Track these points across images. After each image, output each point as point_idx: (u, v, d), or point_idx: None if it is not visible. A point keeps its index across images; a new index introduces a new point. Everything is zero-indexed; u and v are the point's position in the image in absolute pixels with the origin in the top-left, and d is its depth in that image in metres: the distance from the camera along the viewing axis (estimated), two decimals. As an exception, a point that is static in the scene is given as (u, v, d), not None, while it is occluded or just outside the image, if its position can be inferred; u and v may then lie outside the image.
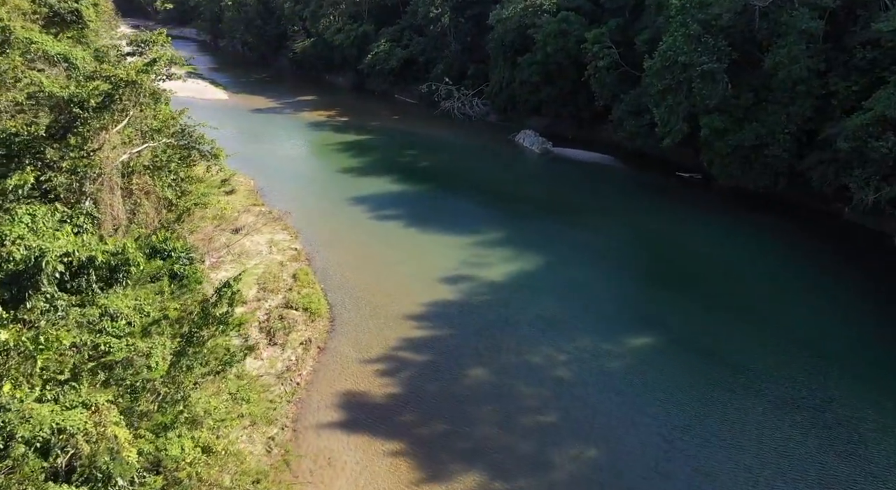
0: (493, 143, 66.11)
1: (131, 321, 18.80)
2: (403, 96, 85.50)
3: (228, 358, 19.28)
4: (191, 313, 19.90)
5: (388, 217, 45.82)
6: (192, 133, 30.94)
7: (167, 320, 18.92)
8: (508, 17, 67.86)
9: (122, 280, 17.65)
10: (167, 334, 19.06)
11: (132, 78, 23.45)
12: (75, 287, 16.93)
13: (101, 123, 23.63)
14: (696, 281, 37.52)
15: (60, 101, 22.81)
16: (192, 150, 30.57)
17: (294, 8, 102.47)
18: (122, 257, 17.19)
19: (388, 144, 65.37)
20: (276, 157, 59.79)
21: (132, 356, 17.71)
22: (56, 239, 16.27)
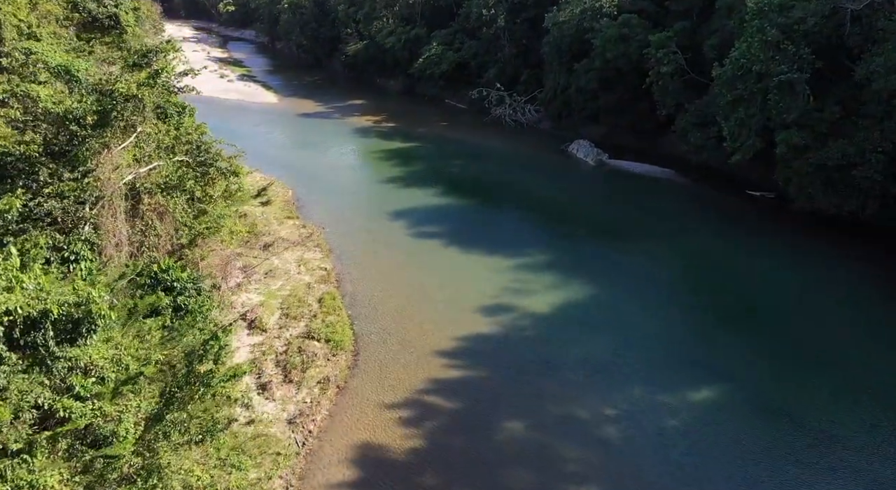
0: (545, 154, 62.05)
1: (105, 376, 16.19)
2: (454, 101, 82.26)
3: (211, 426, 16.40)
4: (173, 367, 17.14)
5: (427, 234, 42.62)
6: (209, 150, 28.41)
7: (146, 377, 16.20)
8: (565, 20, 63.66)
9: (88, 335, 14.97)
10: (144, 393, 16.35)
11: (132, 92, 20.96)
12: (31, 342, 14.36)
13: (102, 142, 21.25)
14: (768, 320, 32.78)
15: (57, 118, 20.55)
16: (209, 168, 28.05)
17: (348, 10, 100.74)
18: (85, 309, 14.51)
19: (434, 153, 62.25)
20: (318, 164, 57.53)
21: (97, 422, 15.06)
22: (6, 290, 13.71)
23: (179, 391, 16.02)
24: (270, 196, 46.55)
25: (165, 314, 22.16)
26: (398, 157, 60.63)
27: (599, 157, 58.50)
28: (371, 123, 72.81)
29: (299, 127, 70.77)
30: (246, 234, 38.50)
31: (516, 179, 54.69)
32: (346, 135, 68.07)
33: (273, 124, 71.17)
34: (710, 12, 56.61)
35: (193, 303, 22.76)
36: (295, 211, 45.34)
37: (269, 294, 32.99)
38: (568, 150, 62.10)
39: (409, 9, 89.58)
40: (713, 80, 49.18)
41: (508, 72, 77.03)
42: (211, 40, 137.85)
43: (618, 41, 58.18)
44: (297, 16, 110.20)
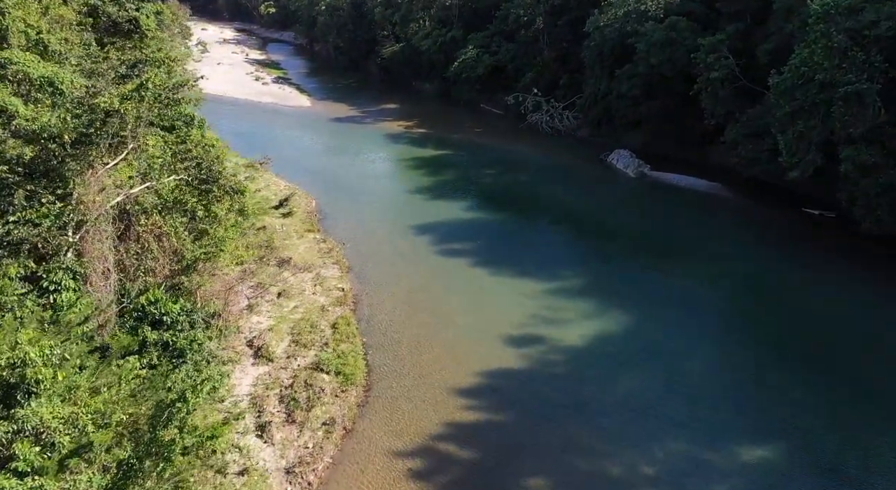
0: (583, 163, 58.51)
1: (57, 442, 13.85)
2: (489, 106, 79.19)
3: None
4: (138, 430, 14.70)
5: (454, 252, 39.77)
6: (212, 167, 26.11)
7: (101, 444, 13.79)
8: (608, 24, 59.96)
9: (25, 400, 12.62)
10: (100, 463, 13.95)
11: (114, 107, 18.69)
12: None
13: (85, 161, 19.07)
14: (832, 361, 28.88)
15: (34, 135, 18.44)
16: (212, 185, 25.75)
17: (384, 12, 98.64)
18: (20, 372, 12.15)
19: (466, 162, 59.34)
20: (345, 172, 55.24)
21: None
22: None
23: (139, 463, 13.57)
24: (293, 207, 44.41)
25: (151, 352, 19.89)
26: (429, 165, 57.94)
27: (640, 168, 54.68)
28: (403, 129, 70.32)
29: (330, 131, 68.75)
30: (258, 251, 36.34)
31: (552, 191, 51.39)
32: (376, 140, 65.73)
33: (304, 128, 69.38)
34: (765, 15, 52.26)
35: (183, 339, 20.44)
36: (316, 223, 43.02)
37: (280, 317, 30.63)
38: (607, 160, 58.43)
39: (445, 11, 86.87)
40: (768, 88, 45.10)
41: (546, 76, 73.57)
42: (251, 42, 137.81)
43: (664, 45, 54.25)
44: (334, 18, 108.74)
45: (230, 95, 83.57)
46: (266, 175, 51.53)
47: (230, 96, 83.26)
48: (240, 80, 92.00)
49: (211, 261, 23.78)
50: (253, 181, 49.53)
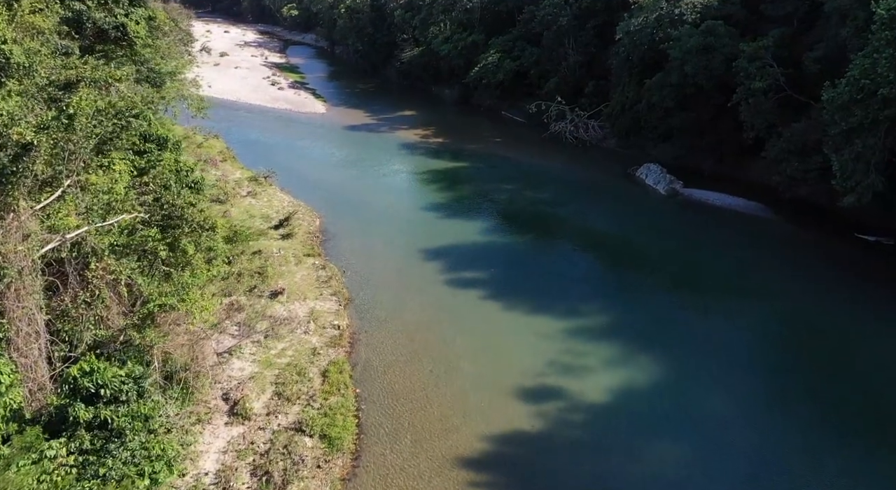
0: (609, 178, 53.96)
1: None
2: (511, 114, 74.94)
3: None
4: None
5: (466, 281, 35.71)
6: (175, 202, 22.36)
7: None
8: (638, 28, 55.30)
9: None
10: None
11: (25, 140, 15.06)
12: None
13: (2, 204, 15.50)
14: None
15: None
16: (178, 221, 22.03)
17: (405, 15, 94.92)
18: None
19: (485, 175, 55.22)
20: (354, 186, 51.50)
21: None
22: None
23: None
24: (294, 227, 40.75)
25: (81, 436, 16.27)
26: (444, 179, 53.93)
27: (672, 185, 49.98)
28: (419, 138, 66.43)
29: (343, 141, 65.14)
30: (250, 280, 32.68)
31: (575, 211, 47.03)
32: (390, 151, 61.92)
33: (316, 137, 65.89)
34: (814, 19, 47.29)
35: (124, 415, 16.77)
36: (318, 246, 39.28)
37: (264, 362, 26.93)
38: (636, 174, 53.84)
39: (467, 14, 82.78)
40: (816, 99, 40.25)
41: (571, 83, 69.11)
42: (272, 45, 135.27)
43: (700, 52, 49.49)
44: (354, 21, 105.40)
45: (244, 101, 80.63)
46: (270, 190, 48.03)
47: (244, 102, 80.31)
48: (255, 85, 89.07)
49: (172, 311, 20.11)
50: (256, 197, 46.20)
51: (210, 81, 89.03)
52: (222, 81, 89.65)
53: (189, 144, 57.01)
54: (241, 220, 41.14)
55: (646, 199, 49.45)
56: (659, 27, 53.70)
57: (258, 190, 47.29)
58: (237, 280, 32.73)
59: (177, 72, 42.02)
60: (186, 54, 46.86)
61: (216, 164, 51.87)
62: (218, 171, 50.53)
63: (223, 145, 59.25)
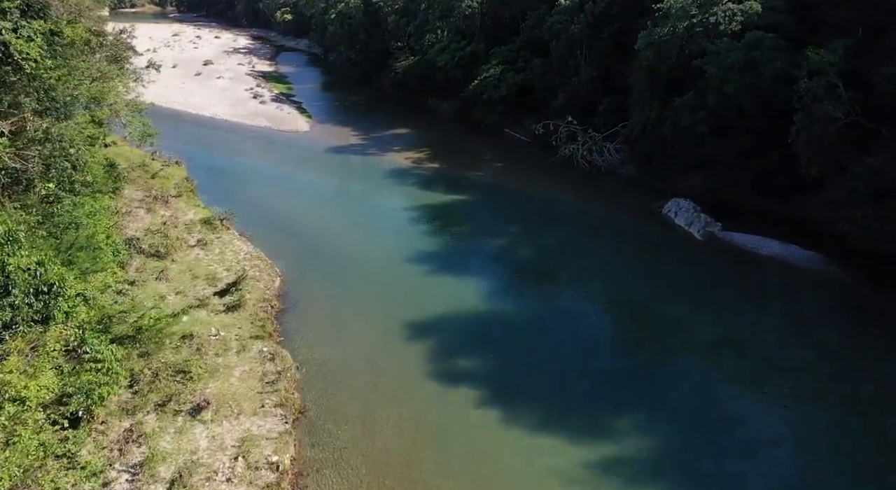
0: (631, 216, 45.00)
1: None
2: (514, 132, 66.03)
3: None
4: None
5: (457, 377, 26.87)
6: None
7: None
8: (664, 39, 46.29)
9: None
10: None
11: None
12: None
13: None
14: None
15: None
16: None
17: (399, 21, 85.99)
18: None
19: (484, 212, 46.31)
20: (330, 229, 42.60)
21: None
22: None
23: None
24: (244, 293, 31.91)
25: None
26: (437, 216, 45.05)
27: (709, 228, 41.03)
28: (412, 163, 57.52)
29: (324, 167, 56.27)
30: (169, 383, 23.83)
31: (592, 262, 38.13)
32: (378, 179, 53.01)
33: (294, 162, 57.01)
34: (884, 25, 38.24)
35: None
36: (272, 322, 30.36)
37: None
38: (662, 211, 44.90)
39: (466, 20, 73.84)
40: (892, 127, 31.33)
41: (583, 98, 60.11)
42: (262, 51, 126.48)
43: (743, 69, 40.53)
44: (346, 27, 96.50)
45: (220, 117, 71.88)
46: (226, 236, 39.20)
47: (220, 118, 71.57)
48: (235, 98, 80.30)
49: None
50: (206, 247, 37.35)
51: (187, 94, 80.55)
52: (199, 94, 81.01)
53: (142, 174, 48.43)
54: (179, 284, 32.34)
55: (677, 245, 40.47)
56: (690, 38, 44.73)
57: (211, 237, 38.47)
58: (149, 385, 23.91)
59: (101, 98, 33.20)
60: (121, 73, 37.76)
61: (167, 201, 43.04)
62: (168, 211, 41.73)
63: (183, 174, 50.44)
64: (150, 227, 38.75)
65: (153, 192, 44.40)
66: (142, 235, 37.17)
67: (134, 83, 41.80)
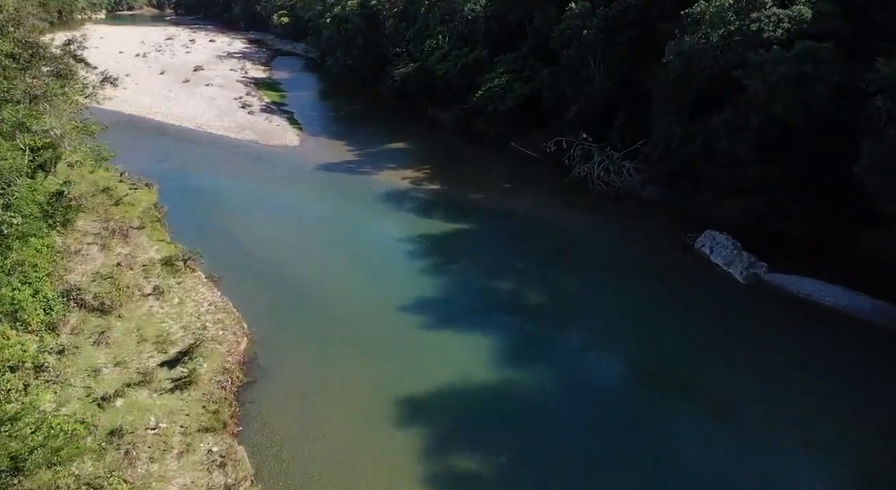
0: (658, 251, 38.70)
1: None
2: (521, 146, 59.70)
3: None
4: None
5: (457, 484, 20.69)
6: None
7: None
8: (696, 49, 39.95)
9: None
10: None
11: None
12: None
13: None
14: None
15: None
16: None
17: (398, 26, 79.65)
18: None
19: (489, 245, 39.99)
20: (311, 269, 36.17)
21: None
22: None
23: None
24: (201, 360, 25.69)
25: None
26: (435, 250, 38.76)
27: (752, 269, 34.71)
28: (409, 183, 51.19)
29: (312, 188, 49.95)
30: None
31: (613, 314, 31.81)
32: (371, 204, 46.67)
33: (279, 183, 50.65)
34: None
35: None
36: (231, 403, 24.04)
37: None
38: (694, 245, 38.61)
39: (468, 25, 67.47)
40: None
41: (596, 111, 53.83)
42: (257, 56, 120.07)
43: (793, 84, 34.18)
44: (342, 31, 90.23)
45: (204, 129, 65.59)
46: (189, 280, 32.94)
47: (204, 131, 65.28)
48: (223, 108, 74.01)
49: None
50: (163, 296, 31.07)
51: (172, 104, 74.43)
52: (184, 104, 74.75)
53: (104, 201, 42.14)
54: (122, 350, 26.10)
55: (715, 291, 34.11)
56: (727, 48, 38.38)
57: (170, 283, 32.24)
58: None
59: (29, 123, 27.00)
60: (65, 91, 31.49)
61: (126, 235, 36.81)
62: (125, 248, 35.52)
63: (152, 199, 44.26)
64: (101, 270, 32.54)
65: (112, 223, 38.19)
66: (87, 283, 30.96)
67: (86, 99, 35.78)
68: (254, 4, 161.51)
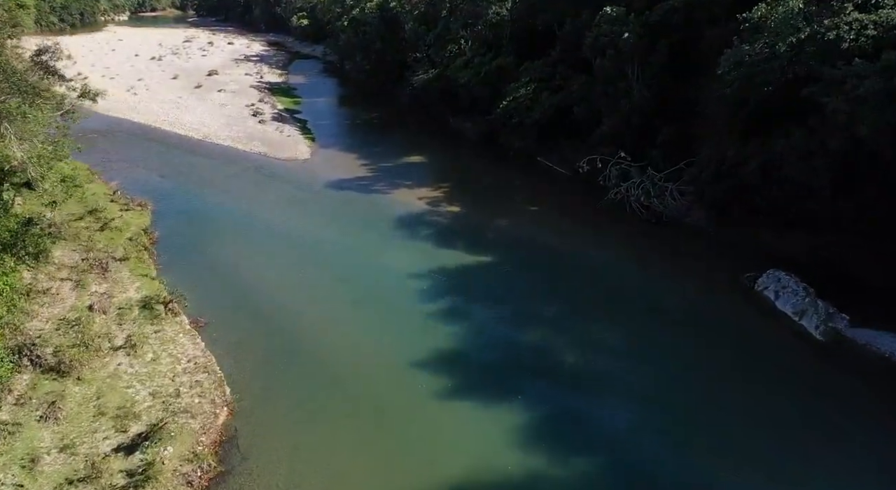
0: (709, 290, 33.10)
1: None
2: (550, 161, 54.31)
3: None
4: None
5: None
6: None
7: None
8: (758, 60, 34.17)
9: None
10: None
11: None
12: None
13: None
14: None
15: None
16: None
17: (418, 29, 74.56)
18: None
19: (515, 283, 34.62)
20: (314, 309, 31.25)
21: None
22: None
23: None
24: (166, 443, 20.91)
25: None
26: (454, 290, 33.52)
27: (831, 323, 28.94)
28: (426, 204, 46.07)
29: (320, 210, 45.05)
30: None
31: (663, 383, 26.26)
32: (383, 230, 41.61)
33: (285, 204, 45.82)
34: None
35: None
36: None
37: None
38: (755, 287, 32.93)
39: (492, 29, 62.14)
40: None
41: (635, 126, 48.17)
42: (275, 59, 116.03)
43: (881, 102, 28.34)
44: (360, 35, 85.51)
45: (210, 140, 61.26)
46: (170, 327, 28.23)
47: (210, 141, 60.94)
48: (233, 116, 69.70)
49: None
50: (135, 350, 26.36)
51: (180, 111, 70.39)
52: (194, 112, 70.62)
53: (90, 224, 37.82)
54: (72, 429, 21.38)
55: (786, 350, 28.37)
56: (796, 59, 32.57)
57: (147, 331, 27.57)
58: None
59: None
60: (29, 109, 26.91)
61: (106, 269, 32.27)
62: (102, 286, 30.99)
63: (144, 222, 39.84)
64: (69, 314, 28.07)
65: (92, 254, 33.75)
66: (50, 331, 26.47)
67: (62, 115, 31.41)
68: (274, 6, 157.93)
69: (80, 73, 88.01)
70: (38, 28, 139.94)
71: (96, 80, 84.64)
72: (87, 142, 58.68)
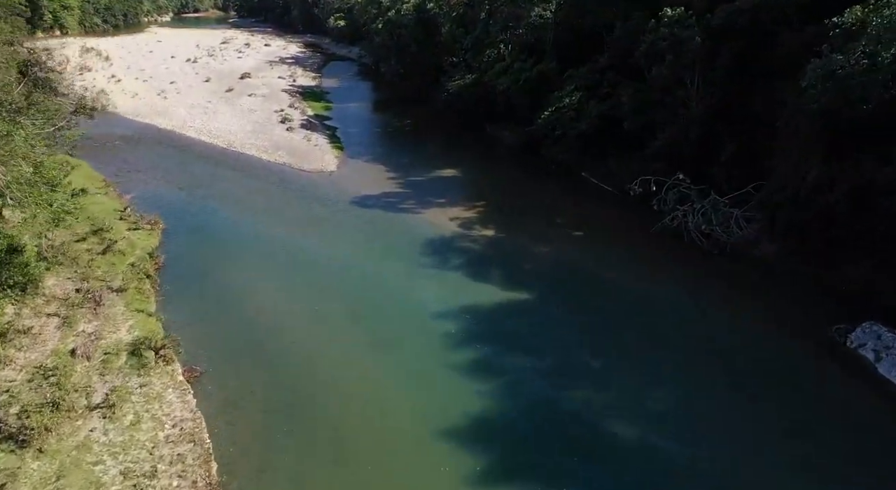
0: (795, 354, 27.50)
1: None
2: (595, 177, 49.15)
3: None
4: None
5: None
6: None
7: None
8: (850, 72, 28.42)
9: None
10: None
11: None
12: None
13: None
14: None
15: None
16: None
17: (454, 32, 70.00)
18: None
19: (554, 325, 29.66)
20: (326, 354, 27.06)
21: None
22: None
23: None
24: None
25: None
26: (483, 338, 28.72)
27: (951, 398, 23.23)
28: (457, 226, 41.50)
29: (343, 232, 40.81)
30: None
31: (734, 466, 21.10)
32: (409, 258, 37.05)
33: (305, 224, 41.79)
34: None
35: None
36: None
37: None
38: (846, 343, 27.32)
39: (534, 33, 57.07)
40: None
41: (694, 141, 42.62)
42: (310, 61, 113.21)
43: None
44: (394, 38, 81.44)
45: (235, 148, 57.98)
46: (157, 380, 24.32)
47: (234, 150, 57.66)
48: (260, 123, 66.46)
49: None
50: (113, 411, 22.58)
51: (208, 117, 67.59)
52: (221, 118, 67.66)
53: (92, 246, 34.53)
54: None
55: (886, 422, 22.88)
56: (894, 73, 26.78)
57: (131, 385, 23.79)
58: None
59: None
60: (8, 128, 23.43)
61: (99, 303, 28.76)
62: (92, 324, 27.45)
63: (152, 244, 36.39)
64: (48, 361, 24.52)
65: (87, 283, 30.34)
66: (21, 384, 22.95)
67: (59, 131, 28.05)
68: (312, 7, 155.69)
69: (114, 75, 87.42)
70: (81, 29, 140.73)
71: (129, 83, 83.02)
72: (110, 150, 56.55)
